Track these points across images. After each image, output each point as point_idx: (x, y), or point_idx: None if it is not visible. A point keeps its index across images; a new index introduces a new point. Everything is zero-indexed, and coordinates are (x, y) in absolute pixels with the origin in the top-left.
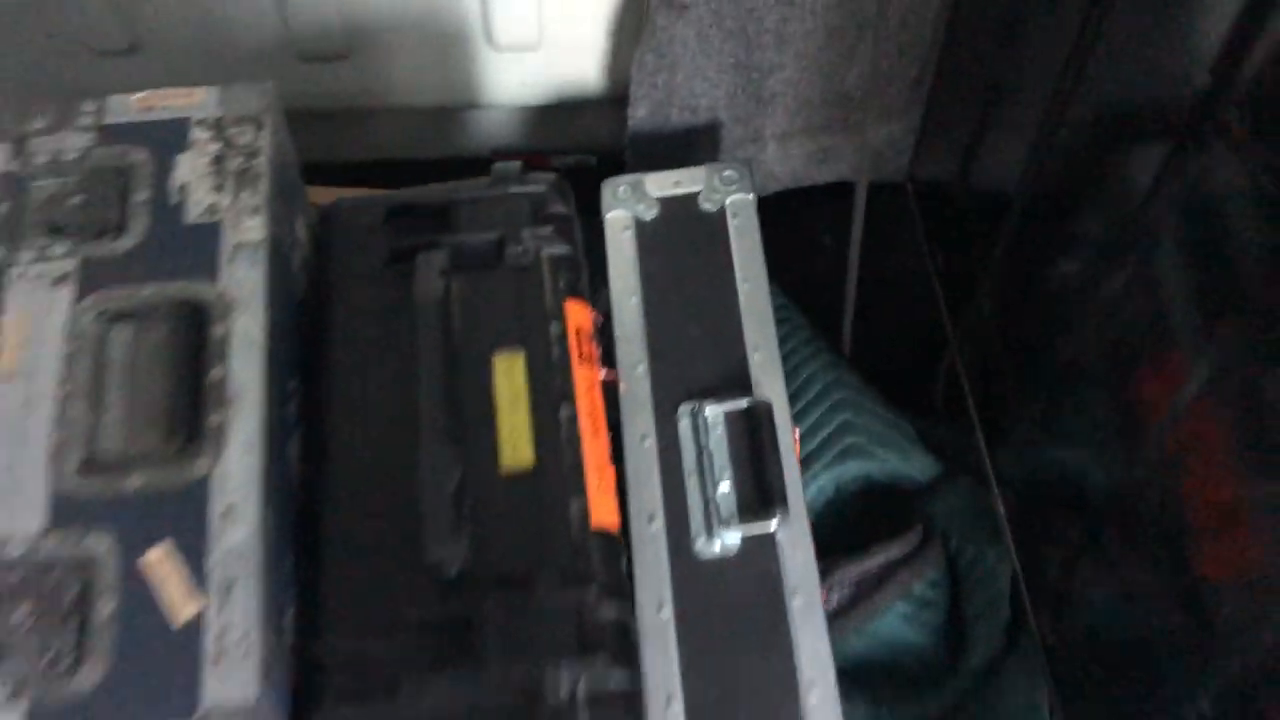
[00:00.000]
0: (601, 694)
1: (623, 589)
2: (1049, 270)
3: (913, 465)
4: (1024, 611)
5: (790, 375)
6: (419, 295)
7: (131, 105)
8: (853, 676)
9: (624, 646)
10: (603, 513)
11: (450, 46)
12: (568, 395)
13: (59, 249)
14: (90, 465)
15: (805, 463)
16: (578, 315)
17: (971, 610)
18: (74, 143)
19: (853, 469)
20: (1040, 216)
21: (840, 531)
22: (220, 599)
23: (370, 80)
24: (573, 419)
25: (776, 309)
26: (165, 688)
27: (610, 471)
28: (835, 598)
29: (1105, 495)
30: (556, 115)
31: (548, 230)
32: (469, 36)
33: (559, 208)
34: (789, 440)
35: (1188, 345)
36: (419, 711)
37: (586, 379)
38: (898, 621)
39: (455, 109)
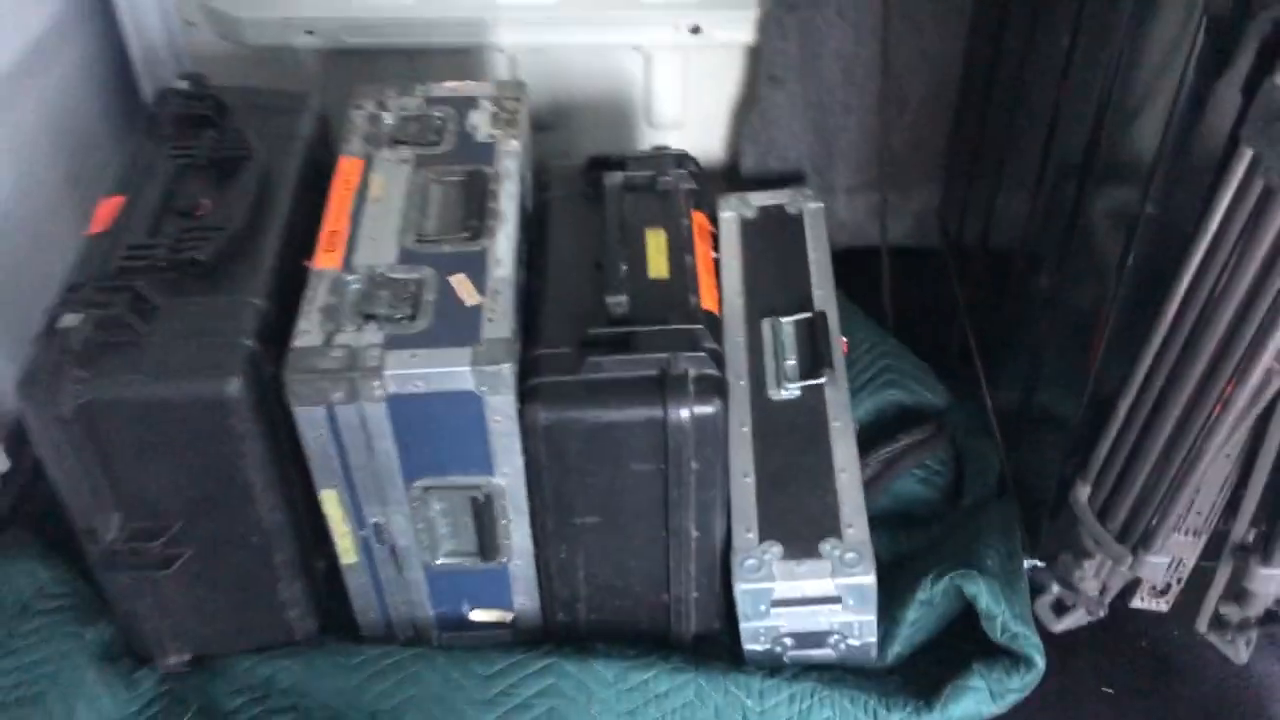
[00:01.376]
0: (702, 376)
1: (718, 333)
2: (1015, 279)
3: (933, 393)
4: (1004, 480)
5: (849, 338)
6: (607, 193)
7: (446, 87)
8: (881, 522)
9: (717, 360)
10: (709, 304)
11: (622, 124)
12: (690, 252)
13: (404, 150)
14: (421, 239)
15: (855, 392)
16: (700, 219)
17: (968, 473)
18: (412, 104)
19: (888, 396)
20: (1002, 251)
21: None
22: (492, 299)
23: (564, 145)
24: (694, 264)
25: (841, 304)
26: (462, 330)
27: (715, 292)
28: (869, 470)
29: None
30: None
31: (684, 173)
32: (634, 117)
33: (693, 165)
34: (839, 340)
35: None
36: (598, 376)
37: (704, 250)
38: (914, 483)
39: None
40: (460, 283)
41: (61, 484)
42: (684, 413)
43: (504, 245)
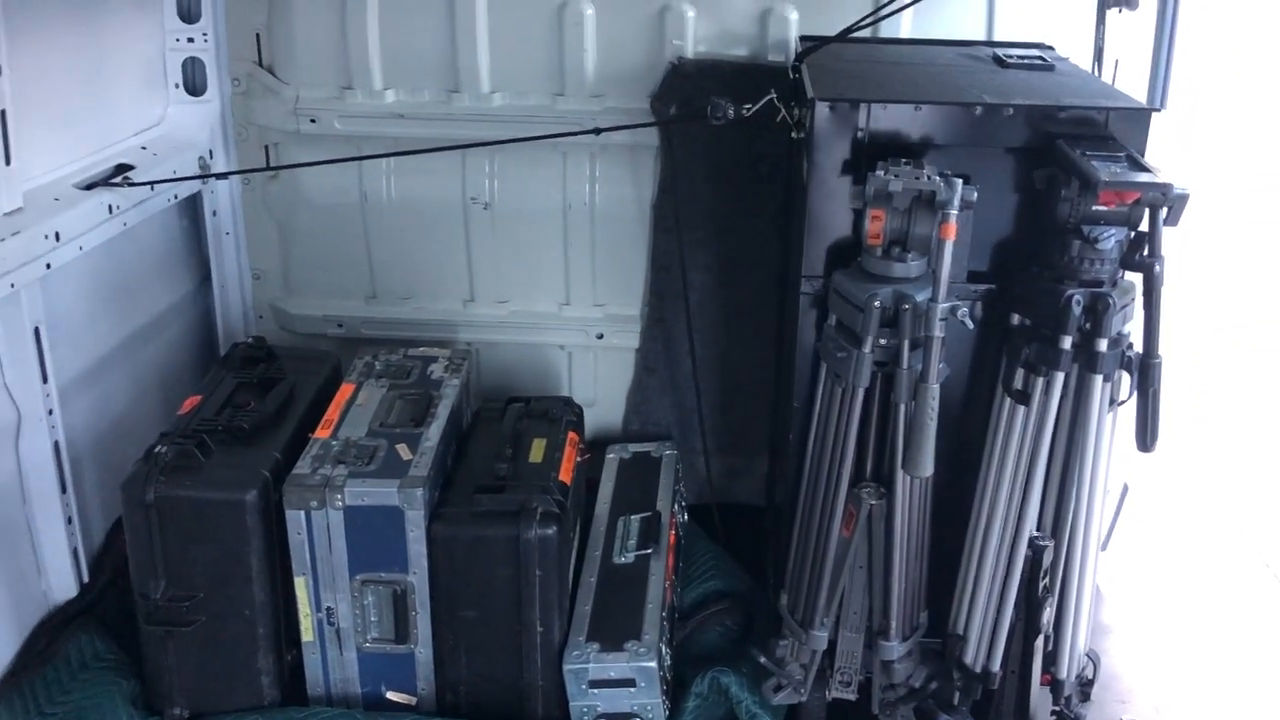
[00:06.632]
0: (547, 511)
1: (565, 492)
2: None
3: (740, 583)
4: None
5: (690, 546)
6: (507, 413)
7: (419, 349)
8: (692, 660)
9: (562, 506)
10: (566, 477)
11: None
12: (560, 451)
13: (384, 380)
14: (383, 425)
15: (689, 580)
16: (573, 435)
17: (753, 635)
18: (394, 358)
19: (710, 585)
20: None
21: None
22: (419, 457)
23: None
24: (560, 457)
25: (693, 530)
26: (396, 471)
27: (571, 474)
28: (688, 628)
29: None
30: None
31: (568, 409)
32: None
33: (576, 408)
34: (667, 531)
35: None
36: (479, 508)
37: (570, 453)
38: (716, 637)
39: None
40: (401, 447)
41: (134, 554)
42: (531, 533)
43: (435, 432)
